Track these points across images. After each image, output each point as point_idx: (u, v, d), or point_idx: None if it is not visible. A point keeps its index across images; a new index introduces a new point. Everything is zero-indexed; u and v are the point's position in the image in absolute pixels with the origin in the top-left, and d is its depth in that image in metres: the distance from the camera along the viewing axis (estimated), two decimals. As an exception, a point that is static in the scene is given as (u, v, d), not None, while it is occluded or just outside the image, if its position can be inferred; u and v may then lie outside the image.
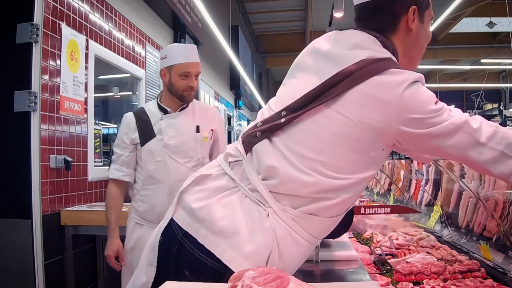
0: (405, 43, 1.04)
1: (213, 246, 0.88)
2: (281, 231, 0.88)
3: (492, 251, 1.68)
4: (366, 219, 2.42)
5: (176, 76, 1.91)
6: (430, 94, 0.96)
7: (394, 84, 0.89)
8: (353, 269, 1.14)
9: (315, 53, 1.02)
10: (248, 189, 0.91)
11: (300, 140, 0.91)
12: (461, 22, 11.75)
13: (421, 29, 1.04)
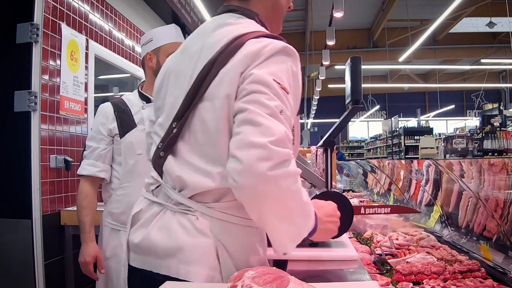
0: (266, 6, 1.07)
1: (167, 269, 0.91)
2: (217, 226, 0.92)
3: (492, 251, 1.68)
4: (366, 219, 2.42)
5: (165, 57, 1.66)
6: (279, 74, 0.91)
7: (251, 55, 0.90)
8: (353, 269, 1.14)
9: (183, 53, 1.05)
10: (173, 205, 0.94)
11: (194, 141, 0.94)
12: (461, 22, 11.76)
13: None
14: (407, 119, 16.89)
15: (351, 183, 5.66)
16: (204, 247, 0.90)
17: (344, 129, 17.99)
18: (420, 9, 11.04)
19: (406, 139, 12.81)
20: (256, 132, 0.82)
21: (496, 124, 7.83)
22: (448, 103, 16.02)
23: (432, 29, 7.59)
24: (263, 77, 0.88)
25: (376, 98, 17.14)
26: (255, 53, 0.91)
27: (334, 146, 1.37)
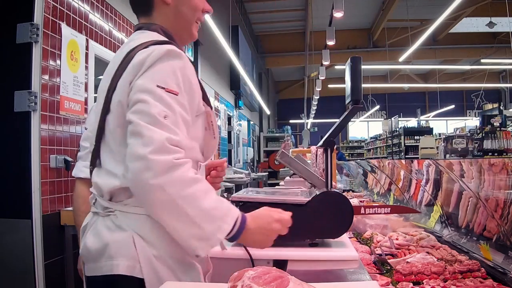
0: (168, 18, 1.13)
1: (99, 269, 0.99)
2: (132, 220, 1.00)
3: (492, 251, 1.68)
4: (366, 219, 2.42)
5: None
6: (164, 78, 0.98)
7: (137, 65, 0.98)
8: (353, 269, 1.14)
9: (105, 72, 1.13)
10: (101, 211, 1.04)
11: (109, 150, 1.05)
12: (461, 22, 11.76)
13: (180, 1, 1.13)
14: (407, 119, 16.88)
15: (351, 183, 5.66)
16: (122, 241, 0.98)
17: (344, 129, 17.99)
18: (420, 9, 11.04)
19: (406, 139, 12.80)
20: (139, 144, 0.90)
21: (496, 124, 7.83)
22: (448, 103, 16.01)
23: (432, 29, 7.58)
24: (145, 86, 0.95)
25: (376, 98, 17.14)
26: (140, 62, 0.98)
27: (334, 146, 1.37)
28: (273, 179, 11.16)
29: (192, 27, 1.18)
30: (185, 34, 1.18)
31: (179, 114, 0.96)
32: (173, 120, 0.94)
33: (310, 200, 1.24)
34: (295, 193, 1.59)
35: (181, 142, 0.94)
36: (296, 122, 18.74)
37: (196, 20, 1.18)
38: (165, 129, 0.92)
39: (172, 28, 1.14)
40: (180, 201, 0.90)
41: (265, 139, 13.30)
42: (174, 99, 0.96)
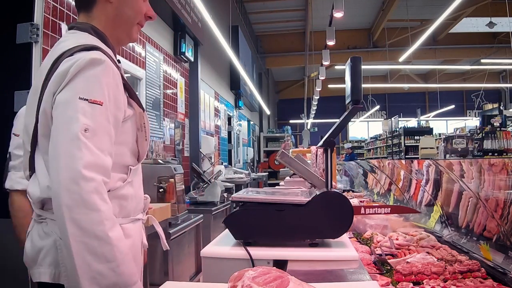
0: (107, 17, 1.12)
1: (34, 276, 1.02)
2: (57, 226, 0.98)
3: (492, 251, 1.68)
4: (366, 219, 2.42)
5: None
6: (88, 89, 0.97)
7: (60, 76, 0.97)
8: (353, 269, 1.14)
9: (39, 70, 1.12)
10: (36, 217, 1.08)
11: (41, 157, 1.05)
12: (461, 22, 11.76)
13: (124, 2, 1.12)
14: (407, 119, 16.88)
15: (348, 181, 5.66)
16: (48, 247, 1.01)
17: (344, 129, 17.98)
18: (420, 9, 11.04)
19: (406, 139, 12.80)
20: (56, 166, 0.92)
21: (496, 124, 7.83)
22: (448, 103, 16.01)
23: (432, 29, 7.58)
24: (67, 99, 0.95)
25: (376, 98, 17.14)
26: (64, 72, 0.97)
27: (334, 146, 1.37)
28: (273, 179, 11.17)
29: (132, 29, 1.17)
30: (124, 35, 1.17)
31: (102, 125, 0.97)
32: (95, 133, 0.95)
33: (310, 200, 1.24)
34: (295, 193, 1.59)
35: (98, 163, 0.95)
36: (296, 122, 18.74)
37: (137, 22, 1.18)
38: (85, 147, 0.93)
39: (110, 28, 1.13)
40: None
41: (265, 139, 13.30)
42: (97, 110, 0.96)
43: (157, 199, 2.88)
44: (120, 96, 1.05)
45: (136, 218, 1.19)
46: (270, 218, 1.24)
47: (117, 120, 1.03)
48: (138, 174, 1.20)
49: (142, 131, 1.16)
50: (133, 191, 1.15)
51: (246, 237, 1.24)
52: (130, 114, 1.11)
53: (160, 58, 4.53)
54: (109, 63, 1.01)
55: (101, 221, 0.92)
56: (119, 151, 1.07)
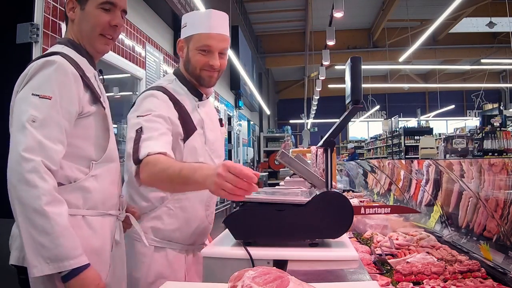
0: (75, 33, 1.30)
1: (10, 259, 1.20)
2: None
3: (492, 251, 1.68)
4: (366, 219, 2.42)
5: (193, 49, 1.49)
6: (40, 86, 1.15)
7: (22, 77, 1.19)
8: (353, 269, 1.14)
9: None
10: None
11: None
12: (461, 22, 11.76)
13: (83, 15, 1.28)
14: (407, 119, 16.88)
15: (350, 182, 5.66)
16: (16, 231, 1.13)
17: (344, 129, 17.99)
18: (420, 9, 11.04)
19: (406, 139, 12.80)
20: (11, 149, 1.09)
21: (496, 124, 7.82)
22: (448, 103, 16.01)
23: (432, 29, 7.58)
24: (22, 96, 1.14)
25: (376, 98, 17.14)
26: (24, 75, 1.17)
27: (334, 146, 1.37)
28: (273, 179, 11.16)
29: (95, 41, 1.29)
30: (89, 47, 1.31)
31: (50, 116, 1.12)
32: (42, 123, 1.11)
33: (310, 200, 1.24)
34: (295, 193, 1.59)
35: (39, 147, 1.09)
36: (296, 122, 18.73)
37: (99, 34, 1.29)
38: (27, 136, 1.08)
39: (80, 41, 1.30)
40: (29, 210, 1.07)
41: (265, 139, 13.30)
42: (46, 104, 1.12)
43: (157, 199, 2.88)
44: (73, 93, 1.18)
45: (107, 213, 1.29)
46: (270, 218, 1.24)
47: (70, 113, 1.18)
48: (109, 171, 1.31)
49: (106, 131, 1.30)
50: (98, 186, 1.26)
51: (246, 237, 1.24)
52: (91, 111, 1.25)
53: (160, 58, 4.53)
54: (62, 65, 1.16)
55: (38, 196, 1.05)
56: (78, 143, 1.22)
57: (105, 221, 1.29)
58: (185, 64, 1.54)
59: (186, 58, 1.52)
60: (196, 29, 1.49)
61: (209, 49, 1.48)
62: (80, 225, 1.21)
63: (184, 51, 1.53)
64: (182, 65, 1.56)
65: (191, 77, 1.54)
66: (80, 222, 1.21)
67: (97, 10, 1.27)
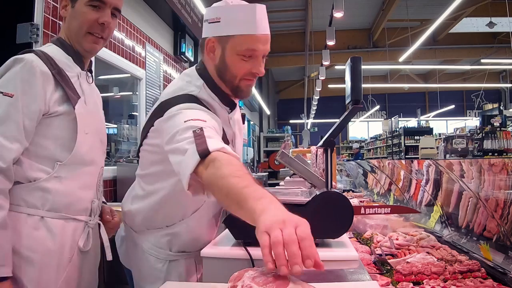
0: (66, 30, 1.30)
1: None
2: None
3: (492, 251, 1.68)
4: (366, 219, 2.42)
5: (233, 54, 1.22)
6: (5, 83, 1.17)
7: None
8: (353, 269, 1.14)
9: None
10: None
11: None
12: (461, 22, 11.75)
13: (72, 13, 1.27)
14: (407, 119, 16.88)
15: (351, 183, 5.66)
16: None
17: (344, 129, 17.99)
18: (420, 9, 11.03)
19: (406, 139, 12.80)
20: None
21: (496, 124, 7.83)
22: (448, 103, 16.01)
23: (432, 29, 7.58)
24: None
25: (376, 98, 17.13)
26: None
27: (334, 146, 1.37)
28: (273, 179, 11.15)
29: (82, 38, 1.28)
30: (78, 45, 1.29)
31: (9, 114, 1.13)
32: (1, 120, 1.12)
33: (310, 200, 1.24)
34: (295, 193, 1.59)
35: None
36: (296, 122, 18.72)
37: (87, 32, 1.27)
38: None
39: (70, 39, 1.30)
40: None
41: (265, 139, 13.29)
42: (7, 101, 1.13)
43: (157, 199, 2.88)
44: (39, 91, 1.16)
45: (72, 217, 1.25)
46: (270, 218, 1.23)
47: (32, 112, 1.16)
48: (80, 175, 1.27)
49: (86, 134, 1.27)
50: (63, 188, 1.22)
51: (246, 237, 1.24)
52: (59, 111, 1.21)
53: (160, 58, 4.53)
54: (30, 62, 1.15)
55: None
56: (42, 142, 1.20)
57: (68, 225, 1.24)
58: (218, 70, 1.27)
59: (221, 63, 1.25)
60: (238, 28, 1.20)
61: (254, 54, 1.21)
62: (37, 226, 1.19)
63: (216, 53, 1.25)
64: (212, 69, 1.28)
65: (225, 85, 1.28)
66: (38, 223, 1.19)
67: (85, 8, 1.25)
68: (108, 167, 3.32)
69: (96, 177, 1.35)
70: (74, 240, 1.26)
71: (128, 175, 3.13)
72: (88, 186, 1.31)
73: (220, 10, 1.22)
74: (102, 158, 1.41)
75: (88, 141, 1.28)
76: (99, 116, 1.43)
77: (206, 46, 1.26)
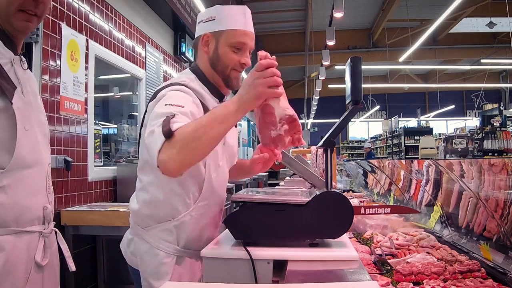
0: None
1: None
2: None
3: (492, 251, 1.68)
4: (366, 219, 2.42)
5: (225, 46, 1.38)
6: None
7: None
8: (353, 269, 1.14)
9: None
10: None
11: None
12: (461, 22, 11.76)
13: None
14: (407, 119, 16.88)
15: (351, 183, 5.66)
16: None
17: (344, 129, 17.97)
18: (420, 9, 11.04)
19: (406, 139, 12.80)
20: None
21: (496, 124, 7.83)
22: (448, 103, 16.01)
23: (432, 29, 7.59)
24: None
25: (376, 98, 17.13)
26: None
27: (334, 146, 1.37)
28: (273, 179, 11.15)
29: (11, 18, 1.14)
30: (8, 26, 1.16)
31: None
32: None
33: (310, 200, 1.24)
34: (295, 193, 1.59)
35: None
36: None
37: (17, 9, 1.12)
38: None
39: None
40: None
41: (265, 139, 13.27)
42: None
43: (157, 199, 2.88)
44: None
45: (22, 230, 1.09)
46: (270, 218, 1.24)
47: None
48: (25, 180, 1.10)
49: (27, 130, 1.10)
50: (7, 200, 1.06)
51: (246, 237, 1.24)
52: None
53: (160, 58, 4.53)
54: None
55: None
56: None
57: (21, 240, 1.09)
58: (211, 61, 1.40)
59: (215, 55, 1.38)
60: (230, 24, 1.37)
61: (243, 47, 1.40)
62: None
63: (210, 46, 1.39)
64: (205, 62, 1.41)
65: (218, 75, 1.41)
66: None
67: None
68: (108, 167, 3.32)
69: (44, 179, 1.19)
70: (29, 255, 1.12)
71: (128, 175, 3.13)
72: (37, 191, 1.15)
73: (214, 10, 1.39)
74: (48, 154, 1.23)
75: (30, 138, 1.12)
76: (38, 106, 1.24)
77: (202, 41, 1.40)
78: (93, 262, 2.94)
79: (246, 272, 1.13)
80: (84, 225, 2.58)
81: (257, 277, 1.12)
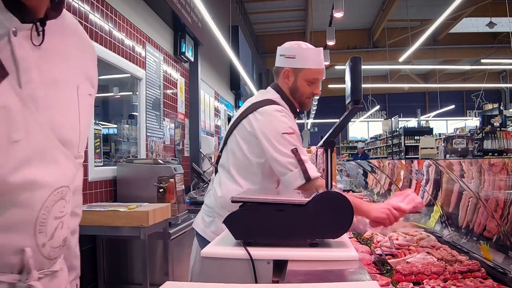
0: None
1: None
2: None
3: (492, 251, 1.68)
4: (366, 219, 2.42)
5: (303, 80, 1.78)
6: None
7: None
8: (353, 269, 1.14)
9: None
10: None
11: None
12: (461, 22, 11.76)
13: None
14: (407, 119, 16.88)
15: (351, 183, 5.66)
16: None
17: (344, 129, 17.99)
18: (420, 9, 11.04)
19: (406, 139, 12.81)
20: None
21: (496, 124, 7.83)
22: (448, 103, 16.01)
23: (432, 29, 7.58)
24: None
25: (376, 98, 17.14)
26: None
27: (334, 146, 1.37)
28: (273, 179, 11.13)
29: None
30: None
31: None
32: None
33: (310, 200, 1.24)
34: (295, 193, 1.59)
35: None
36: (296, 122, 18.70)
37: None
38: None
39: None
40: None
41: (265, 139, 13.27)
42: None
43: (157, 199, 2.89)
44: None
45: None
46: (270, 218, 1.24)
47: None
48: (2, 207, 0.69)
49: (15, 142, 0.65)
50: None
51: (246, 237, 1.24)
52: None
53: (160, 58, 4.53)
54: None
55: None
56: None
57: None
58: (290, 90, 1.82)
59: (294, 86, 1.80)
60: (308, 64, 1.76)
61: (316, 82, 1.79)
62: None
63: (290, 79, 1.80)
64: (286, 88, 1.83)
65: (295, 101, 1.84)
66: None
67: None
68: (108, 167, 3.32)
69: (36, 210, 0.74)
70: None
71: (128, 175, 3.12)
72: (17, 226, 0.72)
73: (295, 50, 1.78)
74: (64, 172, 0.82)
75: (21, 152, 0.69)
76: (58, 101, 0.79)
77: (283, 74, 1.81)
78: (93, 262, 2.93)
79: (246, 272, 1.13)
80: (84, 225, 2.56)
81: (257, 277, 1.12)
